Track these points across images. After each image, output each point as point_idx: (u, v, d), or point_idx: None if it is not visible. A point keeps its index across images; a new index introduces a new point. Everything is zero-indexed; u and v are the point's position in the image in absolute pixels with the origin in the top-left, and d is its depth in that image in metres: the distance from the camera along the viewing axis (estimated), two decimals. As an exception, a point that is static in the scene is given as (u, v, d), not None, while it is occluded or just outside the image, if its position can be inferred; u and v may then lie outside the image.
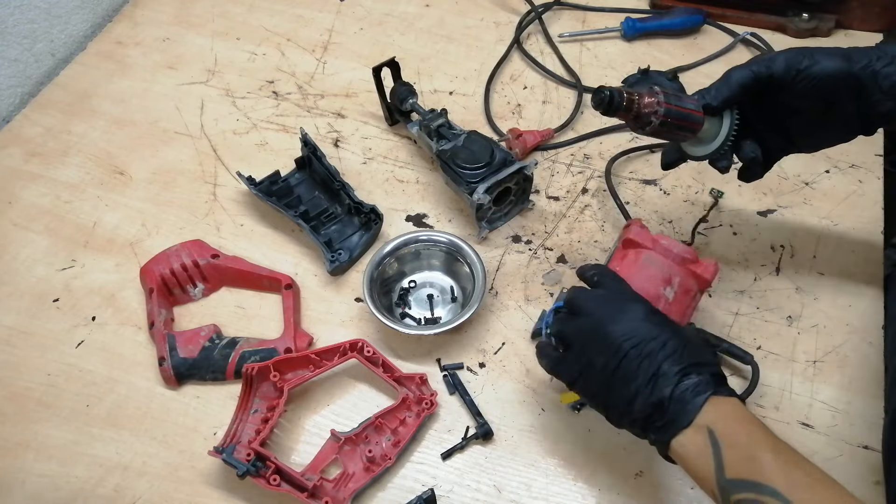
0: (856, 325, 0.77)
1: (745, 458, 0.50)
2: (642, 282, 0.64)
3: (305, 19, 1.14)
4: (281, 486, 0.65)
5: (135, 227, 0.89)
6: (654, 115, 0.60)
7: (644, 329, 0.56)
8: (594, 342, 0.57)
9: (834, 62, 0.61)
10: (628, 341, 0.55)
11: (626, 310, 0.58)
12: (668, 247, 0.66)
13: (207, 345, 0.76)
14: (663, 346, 0.55)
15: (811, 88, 0.62)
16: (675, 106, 0.61)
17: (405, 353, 0.77)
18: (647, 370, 0.54)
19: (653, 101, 0.60)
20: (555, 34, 1.08)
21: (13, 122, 1.01)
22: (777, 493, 0.47)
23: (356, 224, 0.86)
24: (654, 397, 0.53)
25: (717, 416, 0.52)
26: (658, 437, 0.54)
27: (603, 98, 0.60)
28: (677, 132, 0.63)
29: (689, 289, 0.66)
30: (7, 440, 0.73)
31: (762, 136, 0.67)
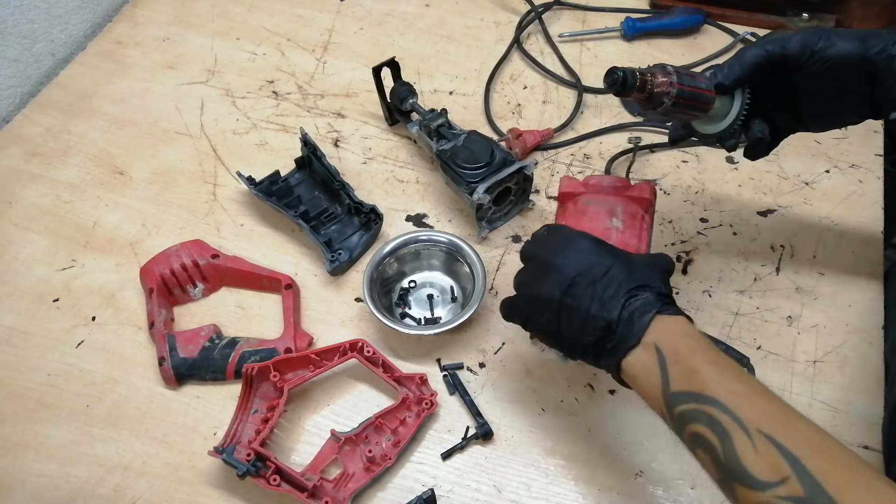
0: (856, 325, 0.77)
1: (688, 370, 0.51)
2: (589, 221, 0.69)
3: (305, 19, 1.14)
4: (281, 486, 0.65)
5: (135, 227, 0.89)
6: (667, 96, 0.61)
7: (590, 258, 0.57)
8: (543, 279, 0.59)
9: (849, 45, 0.61)
10: (574, 270, 0.57)
11: (571, 243, 0.59)
12: (598, 182, 0.71)
13: (207, 345, 0.76)
14: (607, 271, 0.56)
15: (825, 70, 0.62)
16: (688, 86, 0.61)
17: (405, 353, 0.77)
18: (593, 295, 0.55)
19: (665, 80, 0.61)
20: (555, 34, 1.08)
21: (13, 122, 1.01)
22: (718, 402, 0.48)
23: (356, 224, 0.86)
24: (602, 320, 0.54)
25: (663, 333, 0.53)
26: (609, 361, 0.55)
27: (616, 79, 0.60)
28: (689, 111, 0.63)
29: (634, 213, 0.70)
30: (7, 440, 0.73)
31: (771, 114, 0.67)
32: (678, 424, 0.51)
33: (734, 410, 0.47)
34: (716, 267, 0.82)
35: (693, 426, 0.49)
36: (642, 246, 0.69)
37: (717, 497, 0.66)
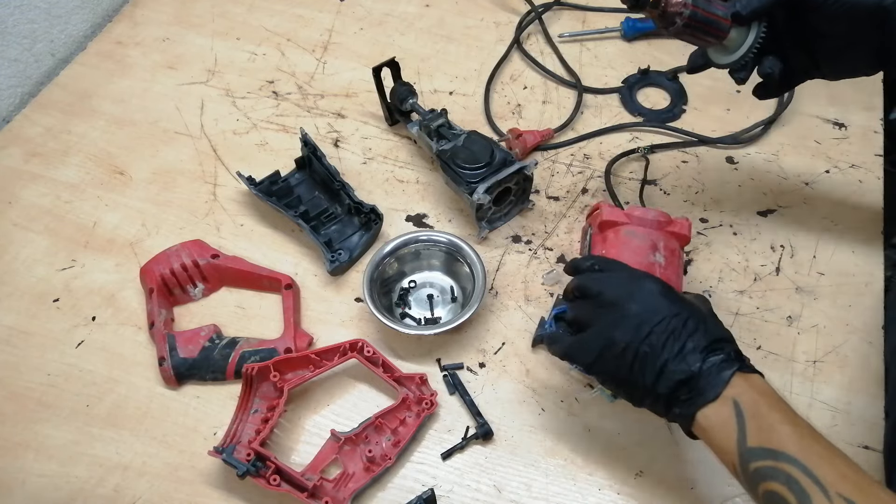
0: (856, 325, 0.77)
1: (766, 427, 0.50)
2: (632, 254, 0.67)
3: (305, 19, 1.14)
4: (281, 486, 0.65)
5: (135, 227, 0.89)
6: (679, 17, 0.61)
7: (664, 306, 0.56)
8: (614, 322, 0.57)
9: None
10: (653, 318, 0.56)
11: (642, 287, 0.58)
12: (643, 215, 0.70)
13: (207, 345, 0.76)
14: (685, 323, 0.55)
15: (841, 13, 0.62)
16: (703, 10, 0.62)
17: (405, 353, 0.77)
18: (672, 347, 0.54)
19: (680, 1, 0.61)
20: (555, 34, 1.08)
21: (13, 122, 1.01)
22: (797, 461, 0.48)
23: (356, 224, 0.86)
24: (682, 373, 0.54)
25: (742, 389, 0.53)
26: (683, 412, 0.54)
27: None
28: (702, 36, 0.64)
29: (674, 249, 0.69)
30: (7, 440, 0.73)
31: (787, 54, 0.67)
32: (752, 480, 0.50)
33: (814, 471, 0.47)
34: (716, 267, 0.82)
35: (768, 484, 0.49)
36: (680, 283, 0.69)
37: (718, 497, 0.66)
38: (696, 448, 0.69)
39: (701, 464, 0.68)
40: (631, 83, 1.01)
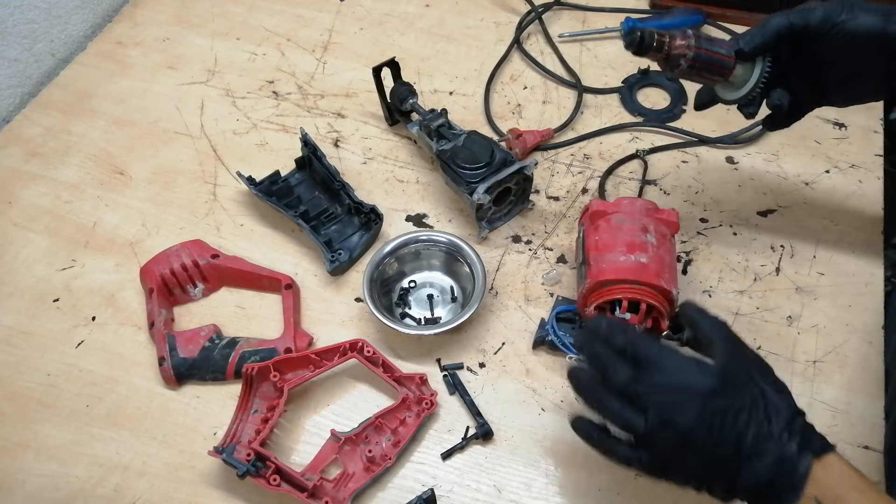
0: (856, 325, 0.77)
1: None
2: (625, 236, 0.70)
3: (305, 19, 1.14)
4: (281, 486, 0.65)
5: (135, 227, 0.89)
6: (684, 59, 0.63)
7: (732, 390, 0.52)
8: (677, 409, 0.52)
9: (871, 19, 0.62)
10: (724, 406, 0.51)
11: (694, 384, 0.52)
12: (631, 202, 0.73)
13: (207, 345, 0.76)
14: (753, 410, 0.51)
15: (845, 43, 0.63)
16: (706, 50, 0.63)
17: (405, 353, 0.77)
18: (752, 434, 0.51)
19: (683, 43, 0.62)
20: (555, 34, 1.08)
21: (13, 122, 1.01)
22: None
23: (356, 224, 0.86)
24: (763, 471, 0.50)
25: (821, 484, 0.49)
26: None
27: (634, 38, 0.63)
28: (707, 75, 0.65)
29: (664, 233, 0.72)
30: (7, 440, 0.73)
31: (794, 85, 0.67)
32: None
33: None
34: (716, 267, 0.82)
35: None
36: (673, 265, 0.71)
37: (717, 497, 0.66)
38: (696, 448, 0.69)
39: (701, 464, 0.68)
40: (631, 83, 1.01)
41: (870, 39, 0.62)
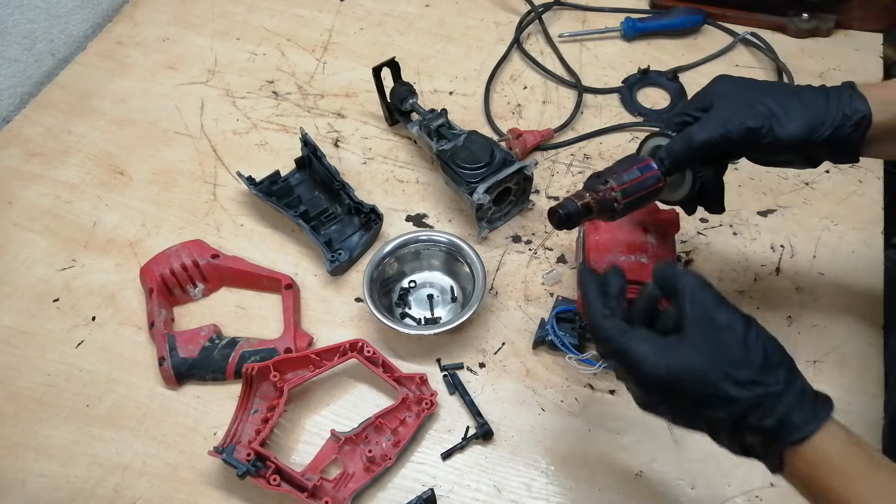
0: (856, 325, 0.77)
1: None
2: (626, 235, 0.70)
3: (305, 19, 1.14)
4: (281, 486, 0.65)
5: (135, 227, 0.89)
6: (616, 202, 0.61)
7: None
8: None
9: (798, 128, 0.59)
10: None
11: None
12: None
13: (207, 345, 0.76)
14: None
15: (775, 149, 0.60)
16: (629, 181, 0.62)
17: (405, 353, 0.77)
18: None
19: (605, 188, 0.61)
20: (555, 34, 1.08)
21: (13, 122, 1.01)
22: None
23: (356, 224, 0.86)
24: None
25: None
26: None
27: (560, 217, 0.61)
28: (646, 200, 0.64)
29: (665, 233, 0.72)
30: (7, 440, 0.73)
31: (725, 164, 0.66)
32: None
33: None
34: (716, 267, 0.82)
35: None
36: (673, 263, 0.70)
37: (718, 497, 0.66)
38: (696, 448, 0.69)
39: (701, 464, 0.68)
40: (631, 83, 1.01)
41: (801, 145, 0.60)
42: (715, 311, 0.49)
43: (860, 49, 1.03)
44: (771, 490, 0.66)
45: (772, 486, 0.66)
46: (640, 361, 0.50)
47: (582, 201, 0.61)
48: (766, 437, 0.48)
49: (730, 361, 0.48)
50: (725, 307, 0.50)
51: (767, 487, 0.66)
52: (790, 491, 0.50)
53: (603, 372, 0.72)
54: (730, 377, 0.47)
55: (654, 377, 0.49)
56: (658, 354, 0.49)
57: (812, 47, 1.04)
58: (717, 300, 0.50)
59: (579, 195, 0.62)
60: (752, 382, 0.47)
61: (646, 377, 0.50)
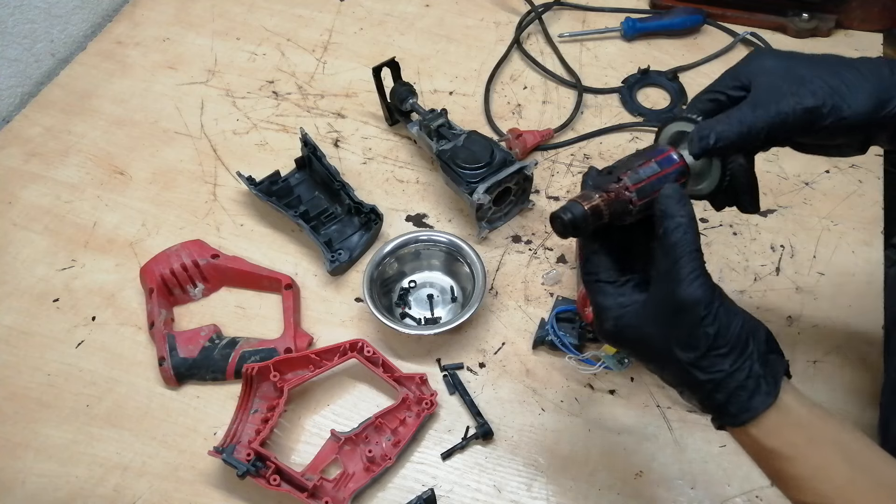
0: (856, 325, 0.77)
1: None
2: None
3: (305, 19, 1.14)
4: (281, 486, 0.65)
5: (135, 227, 0.89)
6: (631, 204, 0.50)
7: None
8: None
9: (865, 103, 0.51)
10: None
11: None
12: None
13: (207, 345, 0.76)
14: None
15: (837, 130, 0.52)
16: (647, 178, 0.51)
17: (405, 353, 0.77)
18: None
19: (617, 187, 0.51)
20: (555, 34, 1.08)
21: (13, 122, 1.01)
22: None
23: (356, 224, 0.86)
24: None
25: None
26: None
27: (564, 223, 0.50)
28: None
29: None
30: (7, 440, 0.73)
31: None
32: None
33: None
34: (716, 267, 0.82)
35: None
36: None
37: (718, 497, 0.66)
38: (696, 448, 0.69)
39: (701, 464, 0.68)
40: (631, 83, 1.01)
41: (866, 124, 0.52)
42: (680, 287, 0.47)
43: (860, 49, 1.03)
44: (771, 490, 0.66)
45: (772, 486, 0.66)
46: (601, 316, 0.51)
47: (590, 204, 0.50)
48: (706, 411, 0.50)
49: (678, 341, 0.48)
50: (692, 281, 0.47)
51: (767, 487, 0.66)
52: (790, 491, 0.50)
53: (603, 372, 0.72)
54: (675, 354, 0.48)
55: (610, 333, 0.51)
56: (618, 315, 0.50)
57: (812, 47, 1.04)
58: (690, 269, 0.48)
59: (586, 196, 0.51)
60: (693, 365, 0.48)
61: (604, 331, 0.52)
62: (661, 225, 0.49)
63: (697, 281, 0.48)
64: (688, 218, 0.49)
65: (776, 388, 0.48)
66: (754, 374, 0.48)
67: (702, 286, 0.48)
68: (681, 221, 0.48)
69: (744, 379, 0.48)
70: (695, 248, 0.49)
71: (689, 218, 0.49)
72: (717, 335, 0.47)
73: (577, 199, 0.51)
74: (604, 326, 0.52)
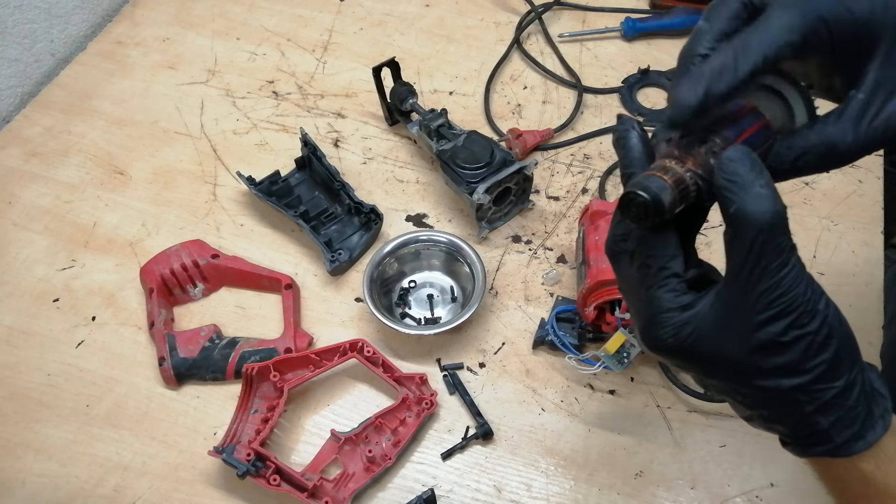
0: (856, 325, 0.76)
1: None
2: None
3: (305, 19, 1.14)
4: (281, 486, 0.65)
5: (135, 227, 0.89)
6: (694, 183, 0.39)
7: None
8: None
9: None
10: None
11: None
12: None
13: (207, 345, 0.76)
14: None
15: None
16: (739, 137, 0.40)
17: (405, 353, 0.77)
18: None
19: (705, 151, 0.39)
20: (555, 34, 1.08)
21: (13, 122, 1.01)
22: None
23: (356, 224, 0.86)
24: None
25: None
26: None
27: (646, 207, 0.38)
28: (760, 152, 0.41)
29: None
30: (7, 440, 0.73)
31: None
32: None
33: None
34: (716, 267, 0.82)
35: None
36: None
37: (718, 497, 0.66)
38: (696, 448, 0.69)
39: (701, 464, 0.68)
40: (631, 83, 1.01)
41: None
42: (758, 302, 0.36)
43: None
44: (771, 490, 0.66)
45: (772, 486, 0.66)
46: (658, 322, 0.39)
47: (674, 177, 0.38)
48: (793, 440, 0.41)
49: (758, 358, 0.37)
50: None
51: (767, 487, 0.66)
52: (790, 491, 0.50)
53: (603, 372, 0.72)
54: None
55: (671, 347, 0.39)
56: (683, 322, 0.38)
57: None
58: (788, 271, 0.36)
59: (665, 168, 0.38)
60: (797, 387, 0.38)
61: (658, 341, 0.39)
62: (731, 204, 0.36)
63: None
64: (768, 189, 0.37)
65: (888, 404, 0.39)
66: (867, 389, 0.38)
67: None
68: (761, 192, 0.36)
69: (856, 398, 0.38)
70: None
71: (769, 189, 0.37)
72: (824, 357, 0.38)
73: (656, 171, 0.38)
74: (658, 334, 0.39)
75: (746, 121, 0.41)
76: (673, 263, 0.40)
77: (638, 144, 0.40)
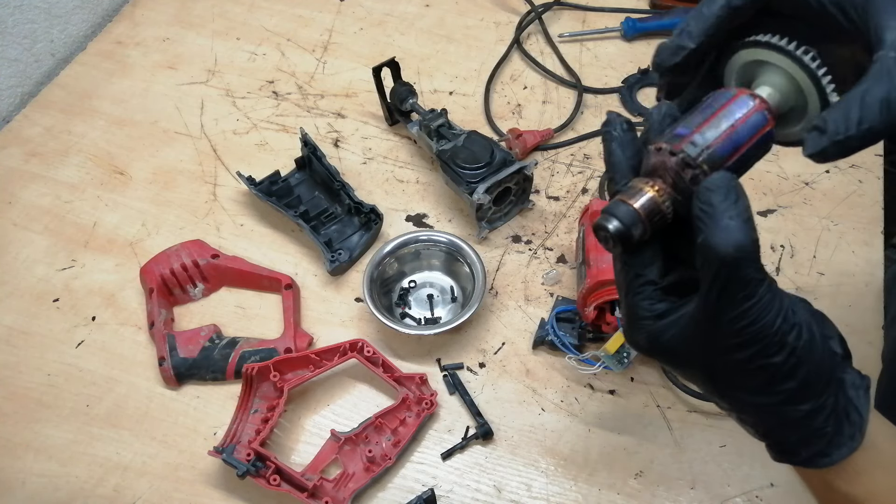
0: (856, 325, 0.77)
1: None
2: None
3: (305, 19, 1.14)
4: (281, 486, 0.65)
5: (135, 227, 0.89)
6: (703, 175, 0.38)
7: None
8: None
9: None
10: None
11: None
12: None
13: (207, 345, 0.76)
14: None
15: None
16: (718, 140, 0.38)
17: (405, 353, 0.77)
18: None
19: (676, 163, 0.37)
20: (555, 34, 1.08)
21: (13, 122, 1.01)
22: None
23: (356, 224, 0.86)
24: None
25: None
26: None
27: (613, 236, 0.37)
28: (756, 158, 0.41)
29: None
30: (7, 440, 0.73)
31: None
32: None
33: None
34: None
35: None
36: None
37: (718, 497, 0.66)
38: (696, 448, 0.69)
39: (701, 464, 0.68)
40: (631, 83, 1.01)
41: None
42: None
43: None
44: (771, 490, 0.66)
45: (771, 486, 0.66)
46: (634, 325, 0.40)
47: (647, 209, 0.37)
48: (767, 443, 0.42)
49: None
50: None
51: (767, 487, 0.66)
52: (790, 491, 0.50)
53: (603, 372, 0.72)
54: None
55: (644, 349, 0.40)
56: (658, 329, 0.39)
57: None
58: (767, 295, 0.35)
59: (641, 192, 0.37)
60: (762, 406, 0.39)
61: (636, 343, 0.41)
62: (699, 233, 0.36)
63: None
64: (738, 220, 0.35)
65: (863, 425, 0.38)
66: (840, 409, 0.38)
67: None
68: (729, 224, 0.35)
69: (824, 420, 0.38)
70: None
71: (741, 219, 0.36)
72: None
73: (623, 197, 0.37)
74: (634, 337, 0.41)
75: (741, 103, 0.39)
76: (648, 271, 0.40)
77: (618, 150, 0.40)
